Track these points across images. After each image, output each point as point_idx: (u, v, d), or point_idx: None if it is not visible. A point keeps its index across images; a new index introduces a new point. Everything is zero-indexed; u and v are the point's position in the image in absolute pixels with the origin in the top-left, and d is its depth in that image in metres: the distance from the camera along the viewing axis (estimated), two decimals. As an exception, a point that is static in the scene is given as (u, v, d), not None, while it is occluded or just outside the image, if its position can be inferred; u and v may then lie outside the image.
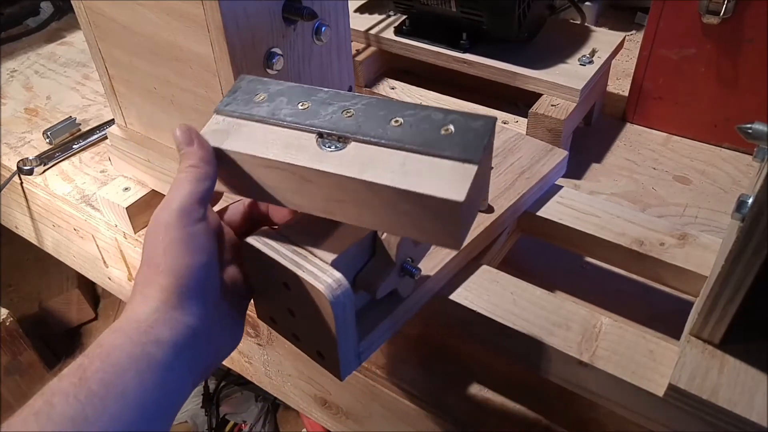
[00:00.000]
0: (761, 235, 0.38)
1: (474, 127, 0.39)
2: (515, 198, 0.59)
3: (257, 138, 0.43)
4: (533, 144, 0.65)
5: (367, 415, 0.64)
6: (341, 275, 0.41)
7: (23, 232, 0.95)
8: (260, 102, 0.45)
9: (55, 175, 0.82)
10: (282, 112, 0.43)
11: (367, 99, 0.43)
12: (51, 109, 0.94)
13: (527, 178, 0.61)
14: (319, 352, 0.45)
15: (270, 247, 0.43)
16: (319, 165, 0.40)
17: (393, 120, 0.41)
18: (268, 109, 0.44)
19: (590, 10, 1.00)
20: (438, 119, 0.40)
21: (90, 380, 0.33)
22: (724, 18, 0.70)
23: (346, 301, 0.41)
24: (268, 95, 0.45)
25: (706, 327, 0.45)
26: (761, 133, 0.40)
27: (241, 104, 0.45)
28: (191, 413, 1.43)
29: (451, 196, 0.37)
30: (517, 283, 0.54)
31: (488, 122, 0.39)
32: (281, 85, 0.45)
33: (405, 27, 0.86)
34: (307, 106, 0.43)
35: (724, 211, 0.71)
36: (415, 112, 0.41)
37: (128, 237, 0.73)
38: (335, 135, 0.41)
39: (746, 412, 0.42)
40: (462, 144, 0.39)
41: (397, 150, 0.40)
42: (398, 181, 0.38)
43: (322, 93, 0.44)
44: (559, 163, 0.63)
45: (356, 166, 0.40)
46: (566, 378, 0.51)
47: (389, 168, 0.39)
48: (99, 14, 0.59)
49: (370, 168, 0.39)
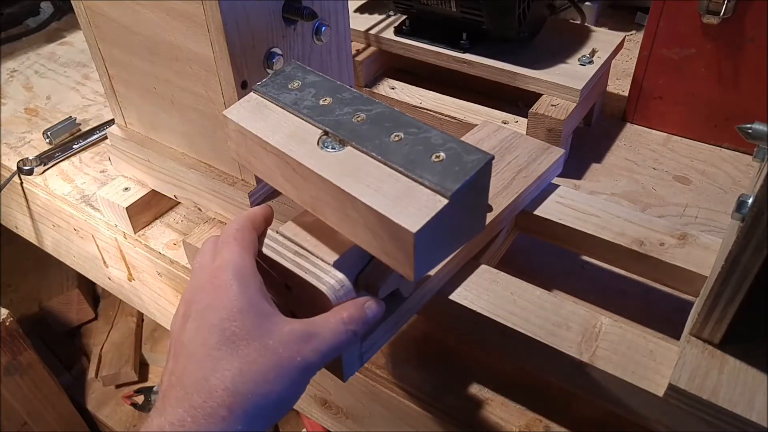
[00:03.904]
0: (761, 235, 0.38)
1: (465, 159, 0.38)
2: (513, 197, 0.59)
3: (272, 122, 0.44)
4: (530, 142, 0.65)
5: (367, 415, 0.64)
6: (343, 276, 0.41)
7: (23, 232, 0.95)
8: (292, 89, 0.46)
9: (55, 175, 0.82)
10: (304, 103, 0.44)
11: (384, 108, 0.43)
12: (51, 109, 0.94)
13: (524, 176, 0.61)
14: None
15: (271, 249, 0.43)
16: (307, 161, 0.41)
17: (394, 134, 0.40)
18: (293, 98, 0.45)
19: (590, 10, 1.00)
20: (435, 143, 0.39)
21: None
22: (724, 18, 0.70)
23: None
24: (302, 84, 0.46)
25: (706, 327, 0.45)
26: (761, 133, 0.40)
27: (275, 88, 0.46)
28: (191, 413, 1.43)
29: (406, 224, 0.35)
30: (517, 283, 0.54)
31: (482, 158, 0.38)
32: (318, 77, 0.46)
33: (405, 27, 0.86)
34: (328, 102, 0.44)
35: (724, 211, 0.71)
36: (418, 131, 0.40)
37: (128, 237, 0.73)
38: (337, 136, 0.42)
39: (746, 412, 0.42)
40: (444, 174, 0.37)
41: (383, 165, 0.39)
42: (366, 194, 0.38)
43: (347, 92, 0.44)
44: (555, 161, 0.63)
45: (339, 171, 0.39)
46: (566, 378, 0.51)
47: (367, 180, 0.38)
48: (99, 14, 0.59)
49: (351, 176, 0.39)
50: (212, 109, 0.56)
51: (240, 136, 0.45)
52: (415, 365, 0.58)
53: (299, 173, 0.42)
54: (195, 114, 0.58)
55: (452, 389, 0.56)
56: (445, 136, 0.40)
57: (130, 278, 0.80)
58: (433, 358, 0.58)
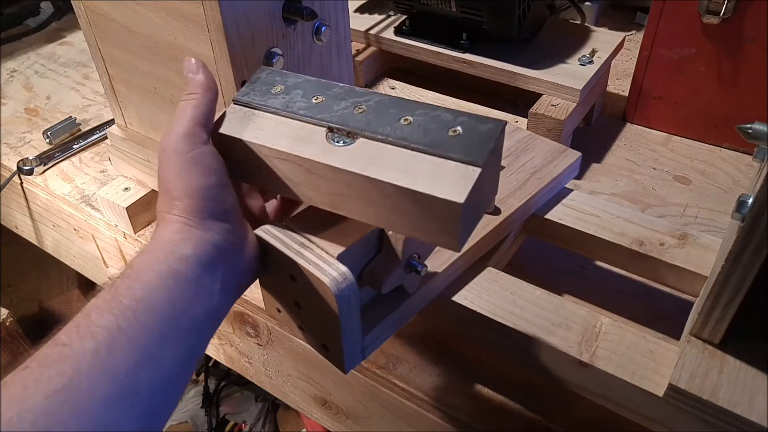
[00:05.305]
0: (761, 235, 0.38)
1: (482, 129, 0.39)
2: (526, 198, 0.59)
3: (269, 129, 0.43)
4: (546, 144, 0.65)
5: (367, 415, 0.64)
6: (347, 269, 0.41)
7: (23, 232, 0.95)
8: (277, 94, 0.45)
9: (55, 175, 0.82)
10: (296, 104, 0.44)
11: (380, 96, 0.43)
12: (51, 109, 0.94)
13: (539, 178, 0.61)
14: (323, 344, 0.45)
15: (277, 239, 0.43)
16: (325, 159, 0.40)
17: (402, 118, 0.41)
18: (282, 101, 0.44)
19: (590, 10, 1.00)
20: (447, 120, 0.40)
21: (121, 296, 0.35)
22: (724, 18, 0.70)
23: (350, 295, 0.41)
24: (285, 87, 0.45)
25: (706, 327, 0.45)
26: (761, 133, 0.40)
27: (258, 95, 0.45)
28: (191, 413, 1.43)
29: (452, 197, 0.37)
30: (517, 283, 0.54)
31: (497, 126, 0.39)
32: (299, 78, 0.46)
33: (405, 27, 0.86)
34: (321, 100, 0.44)
35: (724, 211, 0.71)
36: (425, 111, 0.41)
37: (128, 237, 0.73)
38: (344, 130, 0.42)
39: (746, 412, 0.42)
40: (467, 146, 0.39)
41: (403, 148, 0.40)
42: (401, 179, 0.38)
43: (337, 88, 0.44)
44: (571, 164, 0.63)
45: (361, 162, 0.40)
46: (566, 378, 0.51)
47: (393, 166, 0.39)
48: (99, 14, 0.59)
49: (375, 165, 0.39)
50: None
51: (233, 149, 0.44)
52: (415, 365, 0.58)
53: (315, 173, 0.41)
54: (195, 114, 0.58)
55: (452, 389, 0.56)
56: (453, 111, 0.41)
57: (130, 278, 0.80)
58: (433, 358, 0.58)
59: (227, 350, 0.76)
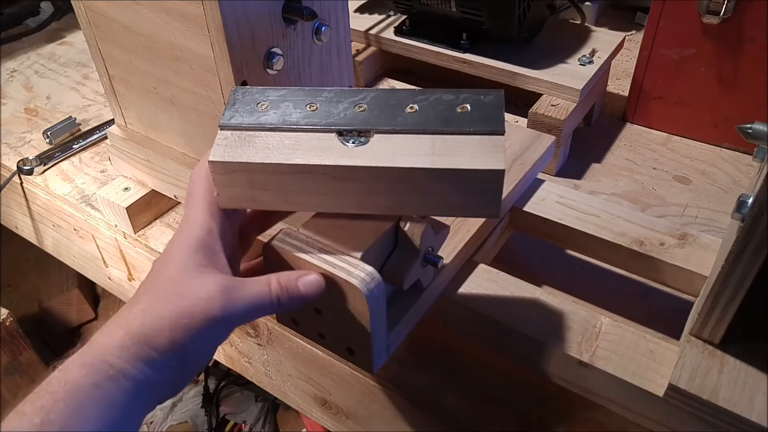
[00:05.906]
0: (761, 235, 0.38)
1: (487, 101, 0.41)
2: (512, 185, 0.59)
3: (275, 146, 0.41)
4: (521, 131, 0.66)
5: (367, 415, 0.64)
6: (373, 269, 0.41)
7: (23, 232, 0.95)
8: (265, 110, 0.43)
9: (55, 175, 0.82)
10: (293, 117, 0.42)
11: (374, 92, 0.43)
12: (51, 109, 0.94)
13: (521, 164, 0.61)
14: (349, 348, 0.45)
15: (297, 249, 0.43)
16: (351, 161, 0.40)
17: (407, 107, 0.42)
18: (276, 117, 0.42)
19: (590, 10, 1.00)
20: (450, 100, 0.42)
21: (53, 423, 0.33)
22: (724, 18, 0.70)
23: (379, 294, 0.41)
24: (270, 102, 0.44)
25: (706, 327, 0.45)
26: (761, 133, 0.40)
27: (245, 115, 0.43)
28: (191, 413, 1.43)
29: (494, 165, 0.38)
30: (517, 283, 0.54)
31: (498, 95, 0.42)
32: (280, 91, 0.44)
33: (405, 27, 0.86)
34: (316, 107, 0.43)
35: (724, 211, 0.71)
36: (425, 97, 0.42)
37: (128, 237, 0.73)
38: (355, 130, 0.41)
39: (746, 412, 0.42)
40: (482, 118, 0.41)
41: (422, 134, 0.41)
42: (437, 162, 0.39)
43: (326, 92, 0.44)
44: (548, 148, 0.64)
45: (387, 155, 0.40)
46: (566, 378, 0.51)
47: (422, 152, 0.40)
48: (99, 14, 0.59)
49: (402, 155, 0.40)
50: (212, 109, 0.56)
51: (239, 177, 0.41)
52: (415, 365, 0.58)
53: (340, 178, 0.40)
54: (195, 114, 0.58)
55: (452, 389, 0.56)
56: (452, 90, 0.42)
57: (130, 278, 0.80)
58: (433, 358, 0.58)
59: (227, 350, 0.76)
